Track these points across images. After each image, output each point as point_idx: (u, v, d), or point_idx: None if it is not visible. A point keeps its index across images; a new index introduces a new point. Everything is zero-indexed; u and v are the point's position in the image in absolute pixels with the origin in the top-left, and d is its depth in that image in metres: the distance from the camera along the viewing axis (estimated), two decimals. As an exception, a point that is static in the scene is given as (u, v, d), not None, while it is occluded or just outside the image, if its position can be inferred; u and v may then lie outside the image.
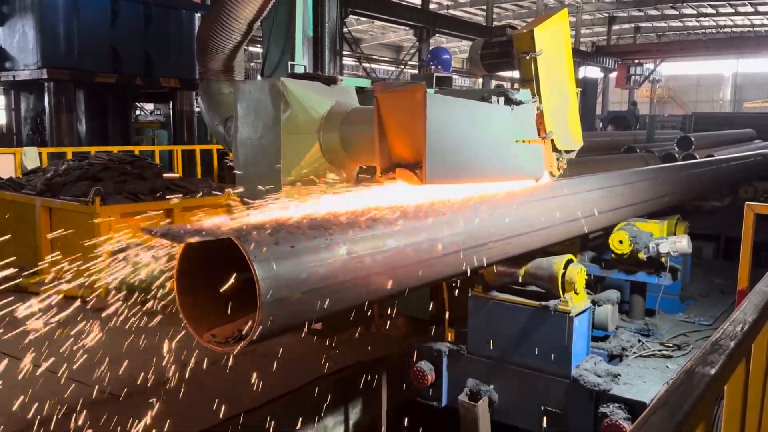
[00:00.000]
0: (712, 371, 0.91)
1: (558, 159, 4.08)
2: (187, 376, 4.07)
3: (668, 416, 0.78)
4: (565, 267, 3.88)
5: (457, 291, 4.29)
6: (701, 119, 23.01)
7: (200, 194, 7.10)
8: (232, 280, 2.16)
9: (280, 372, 4.24)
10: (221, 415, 3.85)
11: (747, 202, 3.42)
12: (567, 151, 4.11)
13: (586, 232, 4.07)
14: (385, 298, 2.60)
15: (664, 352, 4.34)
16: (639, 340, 4.43)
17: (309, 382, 4.40)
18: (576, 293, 3.89)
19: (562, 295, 3.86)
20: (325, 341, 4.82)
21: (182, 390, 3.98)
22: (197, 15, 13.03)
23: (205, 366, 4.07)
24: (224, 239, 2.02)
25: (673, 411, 0.79)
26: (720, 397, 1.20)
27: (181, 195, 7.06)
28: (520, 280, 4.01)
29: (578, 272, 3.89)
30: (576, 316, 3.87)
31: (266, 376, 4.11)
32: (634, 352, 4.29)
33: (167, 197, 6.83)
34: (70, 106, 11.33)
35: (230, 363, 4.25)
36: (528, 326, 3.98)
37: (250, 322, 2.07)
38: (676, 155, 12.18)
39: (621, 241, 4.34)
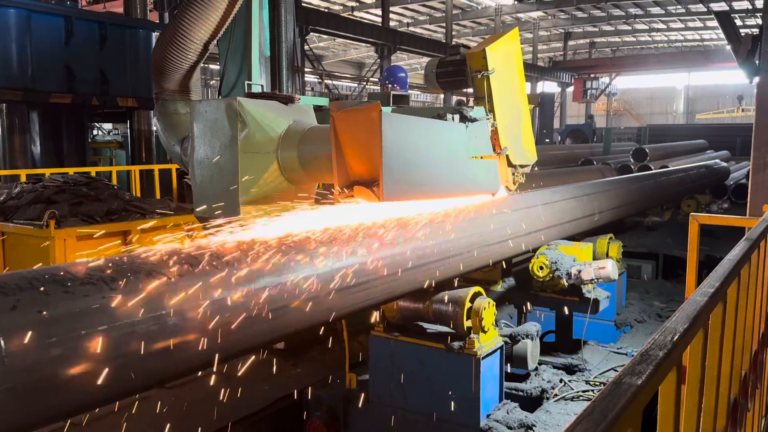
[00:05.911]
0: (639, 381, 0.94)
1: (513, 174, 4.16)
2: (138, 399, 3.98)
3: (592, 426, 0.79)
4: (472, 301, 3.39)
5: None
6: (656, 131, 23.74)
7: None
8: None
9: (240, 393, 4.18)
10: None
11: (691, 214, 3.47)
12: (522, 166, 4.20)
13: (490, 263, 3.61)
14: (204, 368, 2.02)
15: (590, 393, 3.82)
16: (561, 380, 3.95)
17: (270, 403, 4.35)
18: (484, 331, 3.39)
19: (468, 333, 3.38)
20: (286, 361, 4.76)
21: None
22: (154, 34, 12.90)
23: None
24: None
25: (597, 421, 0.80)
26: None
27: (139, 216, 6.94)
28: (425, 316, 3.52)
29: (486, 307, 3.38)
30: (484, 357, 3.36)
31: (227, 397, 4.04)
32: (555, 395, 3.78)
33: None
34: (23, 127, 11.08)
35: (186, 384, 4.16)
36: (433, 370, 3.47)
37: None
38: (632, 166, 12.55)
39: (541, 267, 3.92)
